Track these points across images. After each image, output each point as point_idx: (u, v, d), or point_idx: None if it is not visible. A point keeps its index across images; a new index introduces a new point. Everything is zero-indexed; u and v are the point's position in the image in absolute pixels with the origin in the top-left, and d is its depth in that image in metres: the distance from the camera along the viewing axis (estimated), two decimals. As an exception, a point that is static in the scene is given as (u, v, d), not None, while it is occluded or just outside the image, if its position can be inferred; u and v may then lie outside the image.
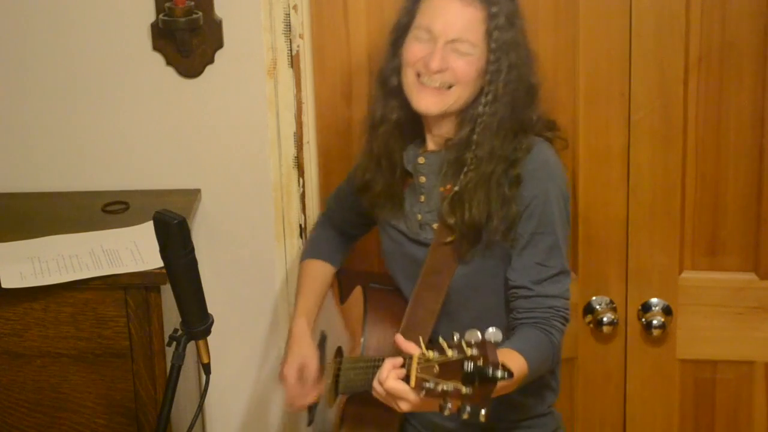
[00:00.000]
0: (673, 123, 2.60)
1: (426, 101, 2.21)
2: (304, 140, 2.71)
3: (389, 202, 2.33)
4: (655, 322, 2.69)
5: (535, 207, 2.17)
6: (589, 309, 2.72)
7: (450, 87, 2.19)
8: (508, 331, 2.18)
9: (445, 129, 2.25)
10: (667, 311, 2.70)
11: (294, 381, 2.36)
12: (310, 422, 2.52)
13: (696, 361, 2.74)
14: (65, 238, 2.46)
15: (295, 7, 2.63)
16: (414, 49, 2.21)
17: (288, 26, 2.64)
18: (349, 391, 2.28)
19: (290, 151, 2.71)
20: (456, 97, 2.20)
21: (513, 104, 2.19)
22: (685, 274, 2.70)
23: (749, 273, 2.68)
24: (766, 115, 2.58)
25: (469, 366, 1.70)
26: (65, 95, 2.70)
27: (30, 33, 2.66)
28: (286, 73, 2.67)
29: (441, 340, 1.77)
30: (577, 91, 2.61)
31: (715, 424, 2.78)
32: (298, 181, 2.73)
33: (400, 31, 2.26)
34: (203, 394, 2.09)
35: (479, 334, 1.74)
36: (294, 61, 2.66)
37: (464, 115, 2.22)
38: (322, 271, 2.53)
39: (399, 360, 1.89)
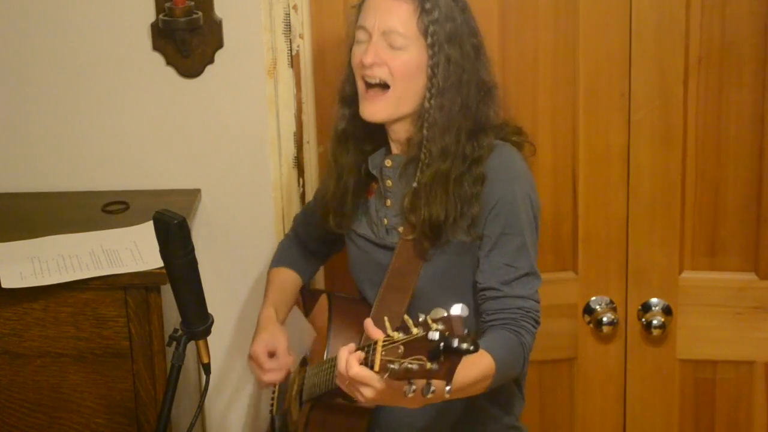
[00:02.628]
0: (673, 123, 2.61)
1: (369, 109, 2.21)
2: (304, 140, 2.71)
3: (351, 211, 2.32)
4: (655, 322, 2.70)
5: (501, 208, 2.16)
6: (589, 309, 2.72)
7: (387, 86, 2.18)
8: (478, 335, 2.16)
9: (403, 132, 2.24)
10: (667, 311, 2.71)
11: (263, 355, 2.33)
12: (273, 411, 2.51)
13: (696, 361, 2.75)
14: (65, 238, 2.46)
15: (295, 7, 2.63)
16: (355, 52, 2.22)
17: (288, 26, 2.64)
18: (314, 395, 2.27)
19: (290, 151, 2.71)
20: (397, 98, 2.19)
21: (461, 100, 2.17)
22: (685, 274, 2.70)
23: (749, 273, 2.69)
24: (766, 115, 2.58)
25: (434, 335, 1.68)
26: (65, 95, 2.70)
27: (30, 33, 2.66)
28: (286, 73, 2.67)
29: (407, 317, 1.76)
30: (577, 91, 2.61)
31: (715, 424, 2.78)
32: (298, 181, 2.73)
33: (350, 41, 2.27)
34: (203, 394, 2.09)
35: (444, 311, 1.73)
36: (294, 61, 2.66)
37: (416, 115, 2.21)
38: (290, 277, 2.51)
39: (352, 345, 1.87)
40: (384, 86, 2.19)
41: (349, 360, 1.85)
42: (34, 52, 2.68)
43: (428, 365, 1.69)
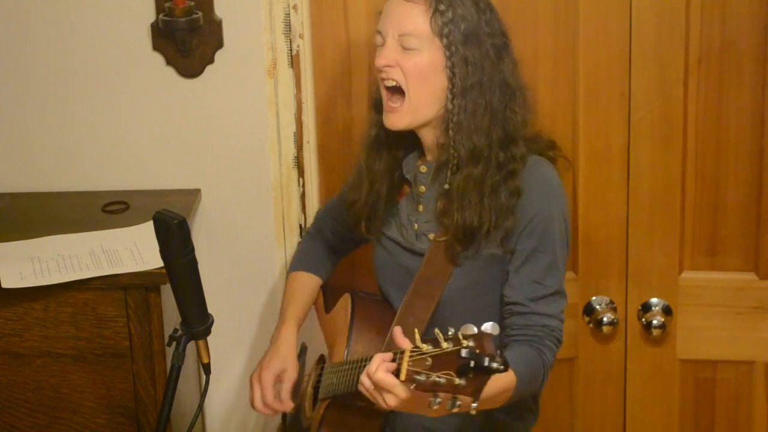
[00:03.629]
0: (673, 123, 2.60)
1: (389, 120, 2.21)
2: (304, 140, 2.71)
3: (381, 214, 2.31)
4: (655, 322, 2.70)
5: (537, 225, 2.16)
6: (589, 309, 2.72)
7: (401, 90, 2.17)
8: (501, 349, 2.15)
9: (432, 137, 2.23)
10: (667, 311, 2.70)
11: (270, 387, 2.33)
12: (284, 431, 2.52)
13: (696, 361, 2.74)
14: (65, 238, 2.46)
15: (295, 7, 2.63)
16: (375, 58, 2.21)
17: (288, 26, 2.64)
18: (330, 394, 2.27)
19: (290, 151, 2.71)
20: (413, 103, 2.17)
21: (485, 102, 2.15)
22: (685, 274, 2.70)
23: (749, 273, 2.68)
24: (766, 115, 2.58)
25: (465, 353, 1.68)
26: (65, 95, 2.70)
27: (30, 33, 2.66)
28: (286, 73, 2.67)
29: (437, 331, 1.76)
30: (577, 91, 2.61)
31: (715, 424, 2.78)
32: (298, 181, 2.73)
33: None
34: (203, 394, 2.09)
35: (475, 328, 1.73)
36: (294, 61, 2.66)
37: (441, 118, 2.19)
38: (309, 283, 2.51)
39: (389, 354, 1.86)
40: (401, 91, 2.18)
41: (379, 367, 1.84)
42: (34, 52, 2.68)
43: (456, 381, 1.70)
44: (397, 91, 2.19)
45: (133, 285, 2.32)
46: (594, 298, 2.72)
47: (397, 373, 1.80)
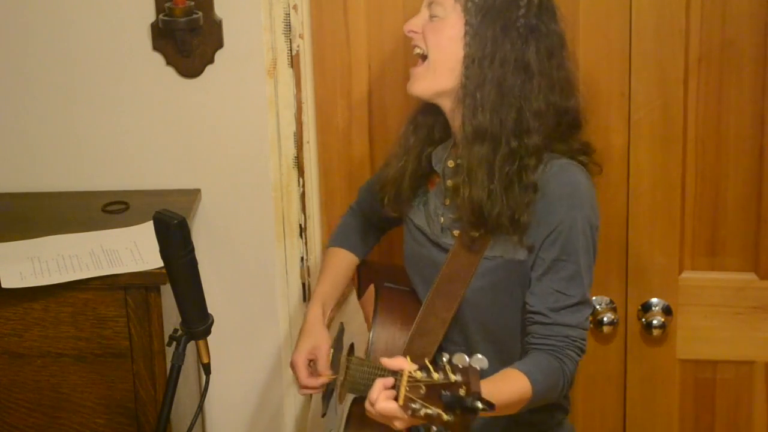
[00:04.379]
0: (673, 123, 2.60)
1: (410, 83, 2.21)
2: (304, 140, 2.71)
3: (407, 197, 2.30)
4: (655, 322, 2.69)
5: (560, 233, 2.13)
6: (589, 309, 2.72)
7: (425, 57, 2.18)
8: (522, 355, 2.16)
9: (456, 117, 2.19)
10: (667, 311, 2.70)
11: (303, 367, 2.34)
12: (323, 414, 2.51)
13: (696, 361, 2.74)
14: (65, 238, 2.46)
15: (295, 7, 2.63)
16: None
17: (288, 26, 2.64)
18: (354, 391, 2.28)
19: (290, 151, 2.71)
20: (432, 71, 2.17)
21: (496, 77, 2.12)
22: (685, 274, 2.70)
23: (749, 273, 2.68)
24: (766, 115, 2.58)
25: (447, 396, 1.71)
26: (65, 95, 2.70)
27: (30, 33, 2.67)
28: (286, 73, 2.67)
29: (427, 362, 1.77)
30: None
31: (715, 424, 2.78)
32: (298, 181, 2.73)
33: None
34: (203, 394, 2.09)
35: (467, 358, 1.74)
36: (294, 61, 2.66)
37: (459, 93, 2.17)
38: (345, 261, 2.50)
39: (390, 381, 1.86)
40: (425, 58, 2.19)
41: (379, 396, 1.86)
42: (34, 52, 2.68)
43: (444, 417, 1.72)
44: (424, 59, 2.19)
45: (133, 285, 2.32)
46: (594, 298, 2.72)
47: (396, 398, 1.82)
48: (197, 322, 2.00)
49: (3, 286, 2.29)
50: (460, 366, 1.74)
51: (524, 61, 2.13)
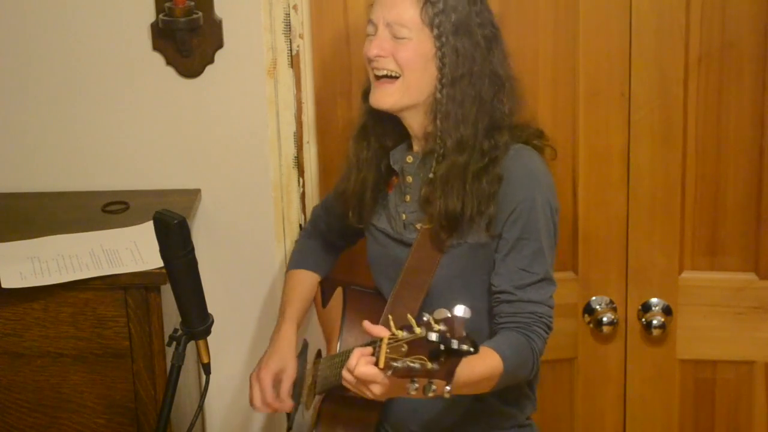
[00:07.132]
0: (673, 123, 2.61)
1: (375, 96, 2.22)
2: (304, 140, 2.71)
3: (370, 206, 2.33)
4: (655, 322, 2.70)
5: (520, 213, 2.17)
6: (589, 309, 2.72)
7: (397, 77, 2.19)
8: (491, 337, 2.17)
9: (418, 125, 2.24)
10: (667, 311, 2.70)
11: (268, 386, 2.35)
12: (288, 429, 2.52)
13: (696, 361, 2.74)
14: (65, 238, 2.46)
15: (295, 7, 2.63)
16: (365, 46, 2.23)
17: (288, 26, 2.64)
18: (326, 388, 2.28)
19: (290, 151, 2.71)
20: (405, 87, 2.19)
21: (474, 92, 2.17)
22: (685, 274, 2.70)
23: (749, 273, 2.69)
24: (766, 115, 2.58)
25: (433, 336, 1.71)
26: (65, 95, 2.70)
27: (30, 33, 2.66)
28: (286, 73, 2.67)
29: (409, 317, 1.78)
30: (577, 91, 2.61)
31: (715, 424, 2.78)
32: (298, 181, 2.73)
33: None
34: (203, 394, 2.09)
35: (447, 312, 1.75)
36: (294, 61, 2.66)
37: (429, 107, 2.21)
38: (309, 280, 2.52)
39: (368, 349, 1.88)
40: (394, 78, 2.19)
41: (359, 361, 1.87)
42: (34, 52, 2.68)
43: (429, 365, 1.72)
44: (388, 80, 2.20)
45: (133, 285, 2.32)
46: (594, 298, 2.72)
47: (377, 363, 1.83)
48: (197, 322, 2.00)
49: (3, 286, 2.29)
50: (442, 318, 1.74)
51: (493, 70, 2.20)
